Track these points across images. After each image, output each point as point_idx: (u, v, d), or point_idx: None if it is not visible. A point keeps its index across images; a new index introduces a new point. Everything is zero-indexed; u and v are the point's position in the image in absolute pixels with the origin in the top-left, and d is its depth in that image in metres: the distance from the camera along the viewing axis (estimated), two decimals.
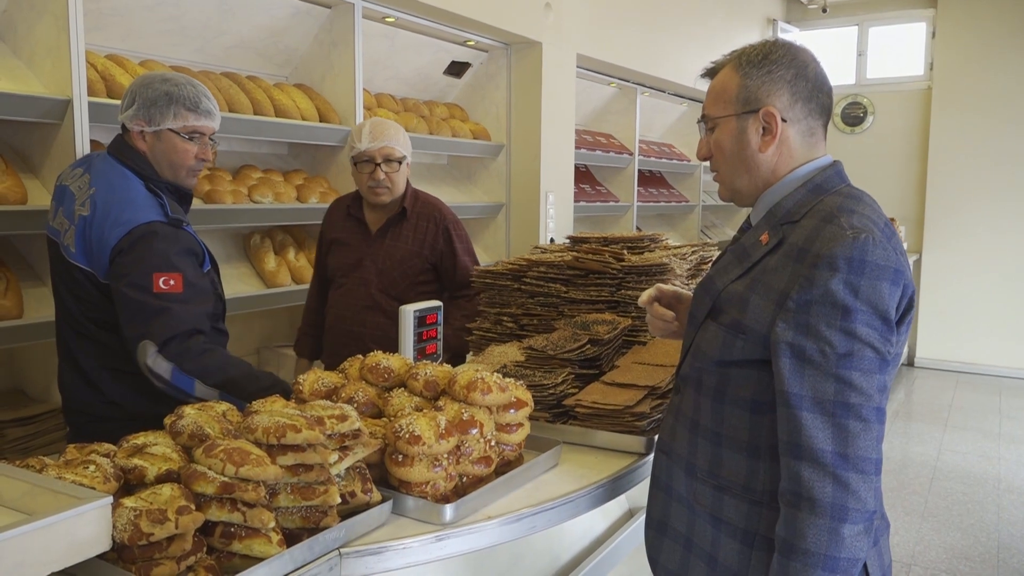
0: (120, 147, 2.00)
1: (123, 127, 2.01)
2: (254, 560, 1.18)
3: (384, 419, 1.58)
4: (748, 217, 1.50)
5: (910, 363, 7.66)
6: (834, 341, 1.22)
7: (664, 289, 1.72)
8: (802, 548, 1.22)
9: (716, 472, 1.39)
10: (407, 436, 1.41)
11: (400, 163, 2.63)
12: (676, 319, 1.69)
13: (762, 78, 1.38)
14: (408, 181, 2.74)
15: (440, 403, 1.58)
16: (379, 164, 2.59)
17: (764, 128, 1.39)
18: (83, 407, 2.02)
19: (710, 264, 2.13)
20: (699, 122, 1.49)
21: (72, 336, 2.00)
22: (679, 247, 2.58)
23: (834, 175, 1.40)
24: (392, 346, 2.50)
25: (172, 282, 1.85)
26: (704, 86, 1.51)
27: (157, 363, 1.82)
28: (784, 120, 1.38)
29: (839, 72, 8.00)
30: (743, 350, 1.33)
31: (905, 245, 7.30)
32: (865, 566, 1.31)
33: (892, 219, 6.84)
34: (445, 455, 1.45)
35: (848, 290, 1.22)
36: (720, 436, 1.39)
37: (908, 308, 1.29)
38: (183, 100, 1.97)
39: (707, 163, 1.51)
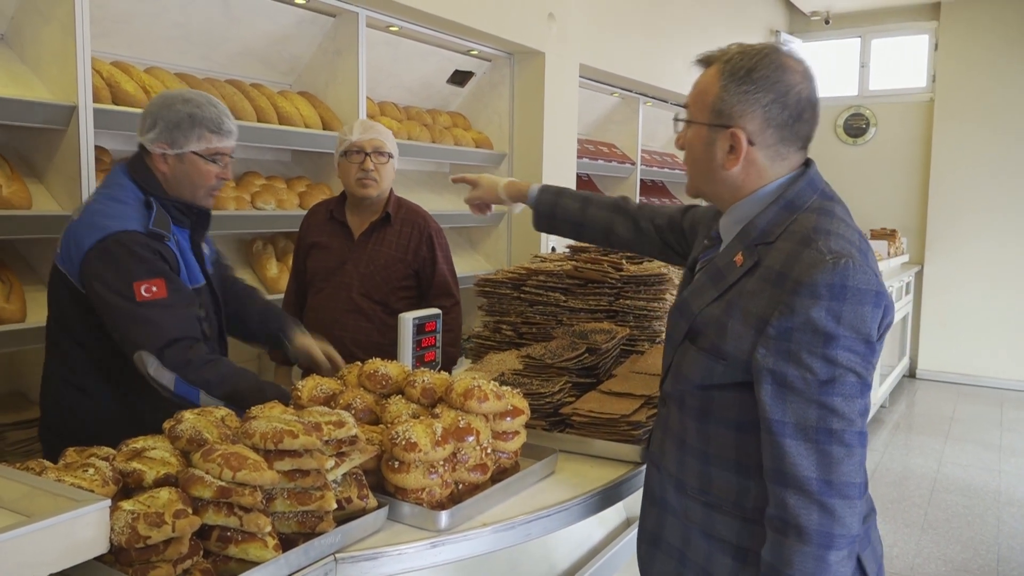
0: (134, 164, 1.98)
1: (141, 147, 1.98)
2: (250, 564, 1.19)
3: (381, 426, 1.59)
4: (717, 225, 1.47)
5: (911, 374, 7.66)
6: (815, 368, 1.21)
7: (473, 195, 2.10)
8: (788, 575, 1.23)
9: (706, 490, 1.39)
10: (403, 443, 1.42)
11: (389, 158, 2.67)
12: (476, 187, 2.08)
13: (738, 96, 1.33)
14: (392, 188, 2.77)
15: (437, 410, 1.59)
16: (369, 154, 2.63)
17: (731, 147, 1.35)
18: (45, 411, 2.05)
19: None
20: (676, 119, 1.47)
21: (47, 340, 2.03)
22: None
23: (805, 187, 1.36)
24: (372, 350, 2.49)
25: (155, 288, 1.83)
26: None
27: (160, 373, 1.81)
28: (752, 144, 1.34)
29: (841, 83, 8.02)
30: (724, 375, 1.33)
31: (907, 256, 7.31)
32: (860, 562, 1.32)
33: (894, 231, 6.85)
34: (441, 462, 1.46)
35: (830, 317, 1.21)
36: (708, 455, 1.38)
37: (887, 326, 1.29)
38: (206, 122, 1.95)
39: None
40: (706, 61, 1.40)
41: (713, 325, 1.34)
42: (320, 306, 2.72)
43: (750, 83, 1.32)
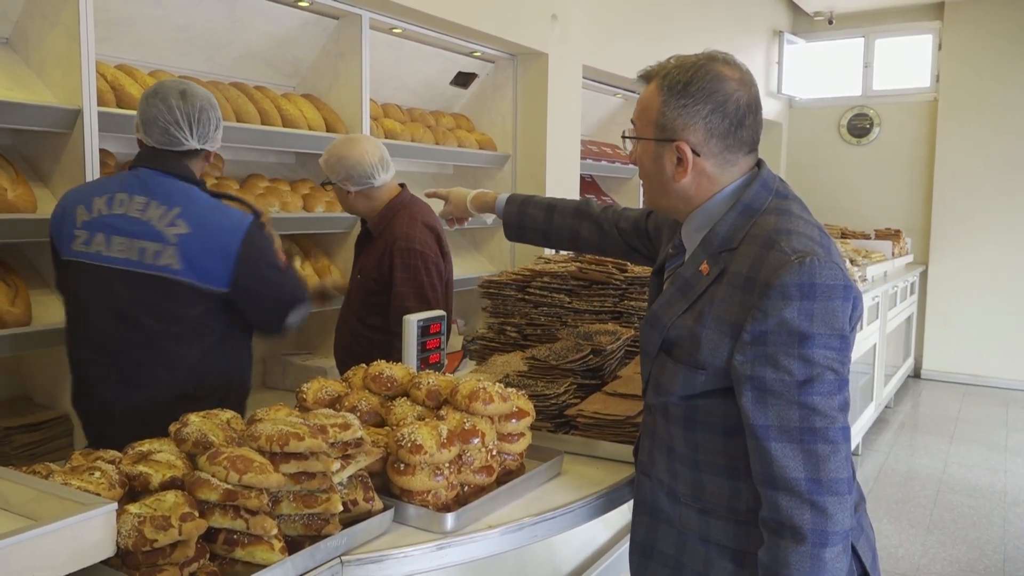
0: (176, 166, 2.03)
1: (187, 151, 2.04)
2: (256, 567, 1.19)
3: (387, 428, 1.59)
4: (680, 233, 1.48)
5: (916, 375, 7.64)
6: (793, 369, 1.23)
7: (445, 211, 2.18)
8: (785, 575, 1.23)
9: (698, 496, 1.40)
10: (409, 445, 1.42)
11: (328, 186, 2.74)
12: (447, 202, 2.16)
13: (678, 110, 1.35)
14: (396, 197, 2.71)
15: (442, 412, 1.59)
16: None
17: (679, 159, 1.37)
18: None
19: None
20: (623, 136, 1.48)
21: (143, 356, 1.99)
22: None
23: (760, 190, 1.38)
24: (353, 355, 2.58)
25: (282, 256, 2.17)
26: None
27: (296, 318, 2.13)
28: (697, 154, 1.36)
29: (845, 83, 8.01)
30: (705, 383, 1.34)
31: (911, 256, 7.29)
32: (856, 551, 1.33)
33: (898, 231, 6.83)
34: (447, 464, 1.46)
35: (803, 316, 1.22)
36: (697, 462, 1.39)
37: (858, 318, 1.30)
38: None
39: None
40: (646, 77, 1.43)
41: (687, 337, 1.35)
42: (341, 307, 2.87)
43: (688, 96, 1.35)
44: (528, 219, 1.99)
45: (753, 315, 1.25)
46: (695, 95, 1.34)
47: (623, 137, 1.48)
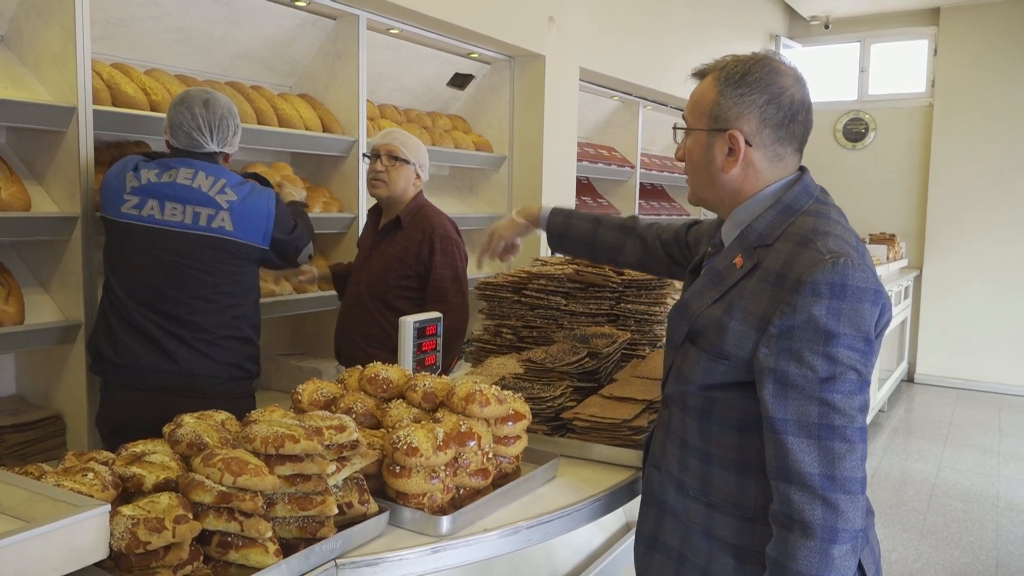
0: (210, 157, 2.31)
1: (208, 152, 2.30)
2: (251, 570, 1.19)
3: (382, 430, 1.59)
4: (720, 232, 1.50)
5: (910, 379, 7.66)
6: (816, 366, 1.23)
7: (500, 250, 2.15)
8: (793, 570, 1.23)
9: (707, 490, 1.40)
10: (405, 447, 1.42)
11: (400, 162, 2.79)
12: (492, 238, 2.14)
13: (734, 99, 1.38)
14: (419, 194, 2.88)
15: (438, 415, 1.58)
16: (380, 157, 2.79)
17: (730, 149, 1.40)
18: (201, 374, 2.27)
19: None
20: (675, 128, 1.52)
21: (189, 311, 2.24)
22: None
23: (801, 192, 1.40)
24: (373, 341, 2.69)
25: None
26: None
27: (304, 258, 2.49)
28: (749, 144, 1.39)
29: (841, 88, 8.03)
30: (726, 374, 1.34)
31: (906, 261, 7.31)
32: (860, 562, 1.32)
33: (892, 235, 6.85)
34: (442, 467, 1.45)
35: (831, 315, 1.23)
36: (709, 455, 1.40)
37: (885, 325, 1.31)
38: None
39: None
40: (701, 73, 1.47)
41: (714, 326, 1.35)
42: (344, 299, 2.95)
43: (745, 86, 1.38)
44: (573, 229, 2.04)
45: (782, 309, 1.26)
46: (752, 84, 1.37)
47: (674, 129, 1.51)
